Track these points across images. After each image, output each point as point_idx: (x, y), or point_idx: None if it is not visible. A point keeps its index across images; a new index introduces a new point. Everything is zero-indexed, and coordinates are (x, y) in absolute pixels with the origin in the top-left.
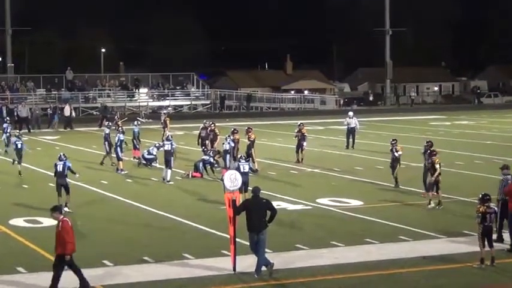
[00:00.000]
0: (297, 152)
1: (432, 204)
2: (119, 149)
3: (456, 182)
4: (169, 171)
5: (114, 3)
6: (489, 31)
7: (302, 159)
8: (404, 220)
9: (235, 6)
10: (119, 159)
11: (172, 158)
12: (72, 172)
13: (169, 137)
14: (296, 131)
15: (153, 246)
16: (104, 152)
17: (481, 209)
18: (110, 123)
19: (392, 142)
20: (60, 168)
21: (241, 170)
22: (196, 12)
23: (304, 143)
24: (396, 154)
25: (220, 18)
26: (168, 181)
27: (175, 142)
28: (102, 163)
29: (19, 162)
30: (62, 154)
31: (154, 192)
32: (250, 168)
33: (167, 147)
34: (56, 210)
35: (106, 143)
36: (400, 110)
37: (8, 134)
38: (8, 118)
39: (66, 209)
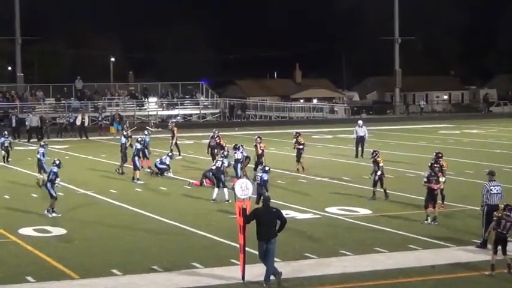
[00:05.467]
0: (298, 161)
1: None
2: (136, 158)
3: (466, 190)
4: None
5: (124, 13)
6: (498, 40)
7: (303, 168)
8: (413, 229)
9: (244, 15)
10: (135, 168)
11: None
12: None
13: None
14: (294, 141)
15: (162, 255)
16: (119, 161)
17: (497, 214)
18: (128, 133)
19: (375, 154)
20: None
21: (259, 180)
22: (205, 22)
23: (302, 152)
24: (381, 164)
25: (229, 27)
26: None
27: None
28: (122, 172)
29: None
30: (54, 160)
31: (163, 201)
32: (261, 179)
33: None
34: None
35: (124, 151)
36: (409, 119)
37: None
38: (5, 132)
39: (46, 213)
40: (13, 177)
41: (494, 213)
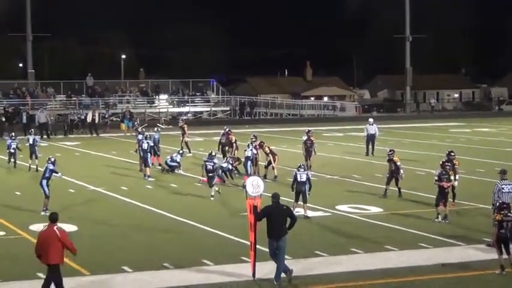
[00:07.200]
0: (307, 159)
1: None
2: (148, 155)
3: (477, 189)
4: None
5: (135, 10)
6: (509, 38)
7: (310, 166)
8: (424, 227)
9: (255, 13)
10: (146, 165)
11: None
12: (56, 172)
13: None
14: (305, 138)
15: (173, 252)
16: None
17: (497, 217)
18: (144, 129)
19: (390, 153)
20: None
21: (299, 179)
22: (216, 19)
23: (312, 149)
24: (398, 163)
25: (239, 25)
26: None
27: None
28: (141, 169)
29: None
30: (49, 157)
31: (174, 198)
32: (308, 178)
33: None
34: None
35: (140, 148)
36: (420, 117)
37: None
38: (13, 134)
39: (42, 213)
40: (23, 174)
41: (494, 216)
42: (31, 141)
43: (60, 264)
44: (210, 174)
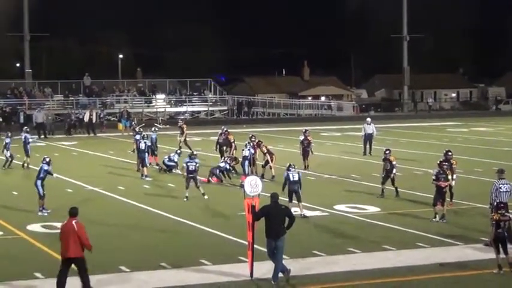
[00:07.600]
0: (304, 159)
1: (437, 218)
2: (146, 154)
3: (474, 188)
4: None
5: (132, 10)
6: (509, 38)
7: (308, 165)
8: (421, 227)
9: (255, 13)
10: (144, 165)
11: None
12: (50, 174)
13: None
14: (302, 138)
15: (170, 252)
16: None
17: (495, 217)
18: (141, 129)
19: (387, 152)
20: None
21: (291, 178)
22: (216, 19)
23: (309, 149)
24: (394, 163)
25: (239, 25)
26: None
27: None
28: (138, 169)
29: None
30: (44, 157)
31: (171, 198)
32: (299, 177)
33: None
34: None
35: (137, 148)
36: (417, 117)
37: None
38: (10, 134)
39: (39, 213)
40: (20, 174)
41: (492, 216)
42: (23, 139)
43: (82, 258)
44: (191, 175)
